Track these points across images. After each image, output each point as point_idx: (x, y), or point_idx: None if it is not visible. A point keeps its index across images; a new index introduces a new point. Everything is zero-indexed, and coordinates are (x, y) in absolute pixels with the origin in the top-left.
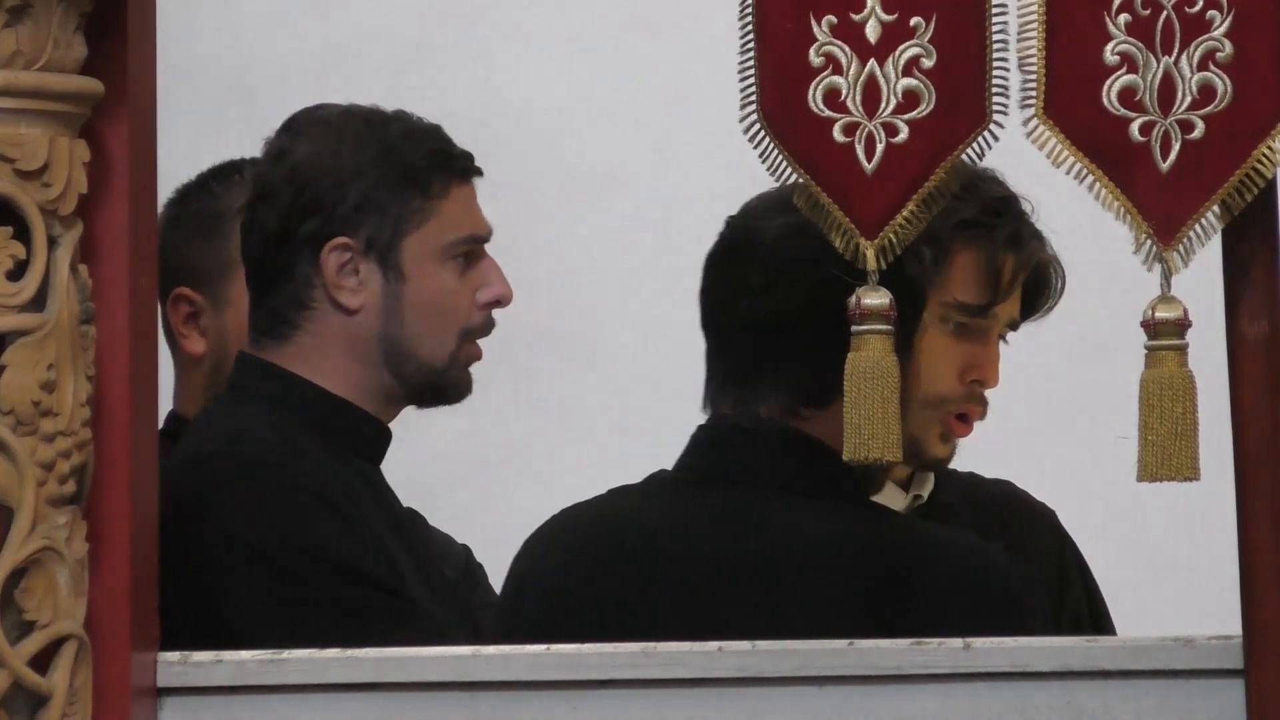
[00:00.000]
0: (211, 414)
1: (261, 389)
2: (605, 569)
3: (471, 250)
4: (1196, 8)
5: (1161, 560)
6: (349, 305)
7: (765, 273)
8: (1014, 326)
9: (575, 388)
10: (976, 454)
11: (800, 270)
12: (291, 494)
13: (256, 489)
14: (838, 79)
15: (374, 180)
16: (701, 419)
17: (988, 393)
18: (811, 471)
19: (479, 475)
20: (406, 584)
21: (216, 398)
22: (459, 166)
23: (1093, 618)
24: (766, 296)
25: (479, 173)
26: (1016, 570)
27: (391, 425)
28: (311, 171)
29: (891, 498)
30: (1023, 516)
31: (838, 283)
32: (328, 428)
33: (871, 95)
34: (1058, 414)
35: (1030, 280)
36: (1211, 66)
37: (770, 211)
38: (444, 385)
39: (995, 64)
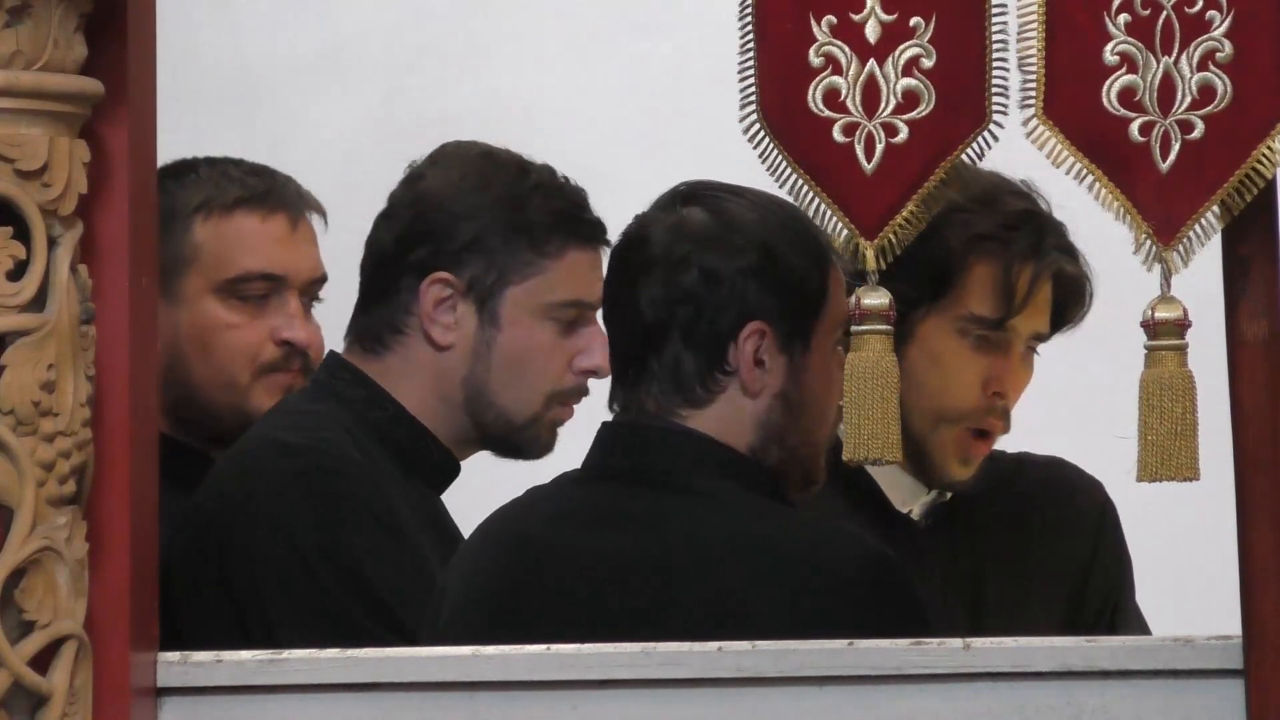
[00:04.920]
0: (296, 407)
1: (347, 392)
2: (498, 567)
3: (578, 315)
4: (1196, 8)
5: (1161, 560)
6: (439, 341)
7: (640, 268)
8: (1042, 338)
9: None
10: None
11: (667, 267)
12: (354, 510)
13: (324, 494)
14: (837, 79)
15: (487, 224)
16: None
17: (1010, 407)
18: (691, 466)
19: (479, 476)
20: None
21: (300, 391)
22: (585, 232)
23: (1117, 583)
24: (638, 292)
25: (607, 243)
26: (873, 565)
27: None
28: (433, 200)
29: (915, 495)
30: (1063, 495)
31: (702, 282)
32: (400, 448)
33: (871, 95)
34: (1058, 414)
35: (1059, 292)
36: (1211, 66)
37: (661, 208)
38: (521, 442)
39: (995, 64)
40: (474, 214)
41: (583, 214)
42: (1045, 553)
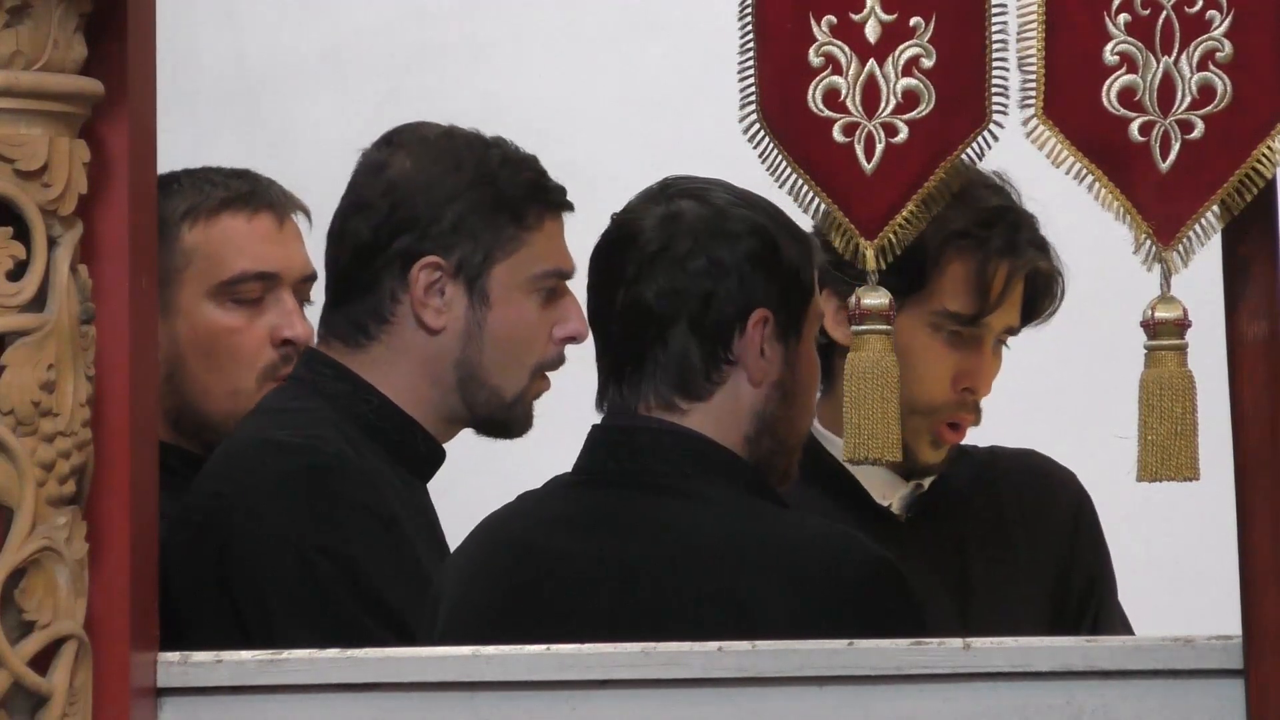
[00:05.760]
0: (281, 405)
1: (330, 388)
2: (495, 573)
3: (556, 285)
4: (1196, 8)
5: (1161, 560)
6: (432, 325)
7: (639, 262)
8: (1013, 332)
9: (575, 387)
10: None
11: (672, 258)
12: (350, 507)
13: (320, 492)
14: (837, 79)
15: (470, 204)
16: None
17: (980, 400)
18: (686, 468)
19: (478, 475)
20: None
21: (279, 389)
22: (553, 200)
23: (1097, 574)
24: (640, 286)
25: (570, 207)
26: (871, 567)
27: None
28: (409, 188)
29: (893, 487)
30: (1039, 487)
31: (711, 272)
32: (388, 440)
33: (871, 95)
34: (1057, 414)
35: (1030, 287)
36: (1211, 66)
37: (647, 202)
38: (509, 420)
39: (995, 64)
40: (453, 195)
41: (547, 181)
42: (1026, 541)
